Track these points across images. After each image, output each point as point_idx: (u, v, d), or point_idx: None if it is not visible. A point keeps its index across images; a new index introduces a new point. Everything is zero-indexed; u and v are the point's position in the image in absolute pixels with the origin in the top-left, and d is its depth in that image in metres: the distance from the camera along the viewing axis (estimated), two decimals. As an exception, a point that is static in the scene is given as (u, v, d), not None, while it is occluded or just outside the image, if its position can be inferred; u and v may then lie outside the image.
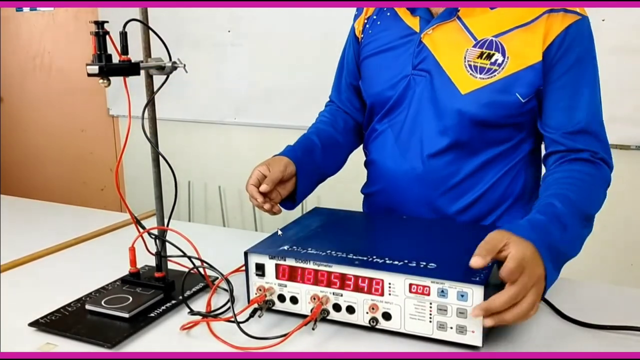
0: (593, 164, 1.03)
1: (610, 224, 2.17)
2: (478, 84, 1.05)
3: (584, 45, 1.04)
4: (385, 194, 1.19)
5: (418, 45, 1.11)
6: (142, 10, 0.94)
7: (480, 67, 1.05)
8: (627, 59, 2.10)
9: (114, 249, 1.26)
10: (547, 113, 1.06)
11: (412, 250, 0.92)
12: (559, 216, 0.90)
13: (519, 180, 1.13)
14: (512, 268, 0.77)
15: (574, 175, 1.00)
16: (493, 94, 1.04)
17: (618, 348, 0.84)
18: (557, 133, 1.05)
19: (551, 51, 1.02)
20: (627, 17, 2.07)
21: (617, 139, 2.19)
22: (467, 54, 1.06)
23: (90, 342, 0.85)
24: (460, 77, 1.07)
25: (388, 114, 1.17)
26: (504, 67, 1.04)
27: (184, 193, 3.14)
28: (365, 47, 1.21)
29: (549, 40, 1.02)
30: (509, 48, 1.04)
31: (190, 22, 2.86)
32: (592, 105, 1.05)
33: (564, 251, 0.89)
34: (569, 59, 1.03)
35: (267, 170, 1.08)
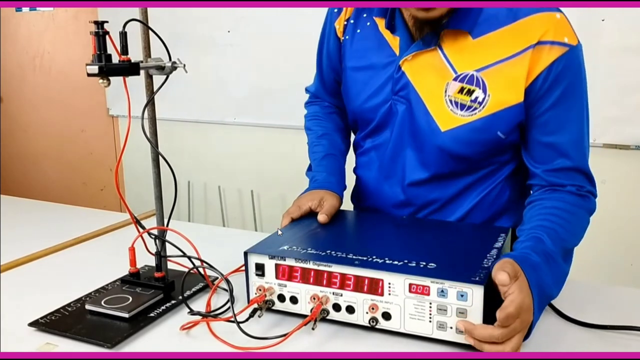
0: (580, 196, 1.00)
1: (610, 224, 2.17)
2: (458, 122, 1.01)
3: (571, 78, 0.97)
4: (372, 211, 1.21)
5: (397, 71, 1.06)
6: (142, 10, 0.94)
7: (460, 103, 1.01)
8: (626, 59, 2.10)
9: (114, 249, 1.26)
10: (531, 146, 1.03)
11: (412, 250, 0.92)
12: (549, 256, 0.89)
13: (503, 196, 1.11)
14: (512, 313, 0.75)
15: (560, 207, 0.98)
16: (473, 133, 1.01)
17: (618, 348, 0.84)
18: (540, 168, 1.02)
19: (534, 87, 0.97)
20: (627, 17, 2.07)
21: (617, 139, 2.19)
22: (448, 87, 1.01)
23: (90, 342, 0.85)
24: (440, 112, 1.03)
25: (371, 134, 1.15)
26: (485, 105, 0.99)
27: (183, 193, 3.14)
28: (345, 54, 1.16)
29: (533, 76, 0.96)
30: (491, 85, 0.99)
31: (190, 22, 2.86)
32: (578, 142, 1.01)
33: (549, 294, 0.89)
34: (553, 94, 0.97)
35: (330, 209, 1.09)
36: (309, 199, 1.12)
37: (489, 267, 0.83)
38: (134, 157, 2.11)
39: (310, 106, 1.35)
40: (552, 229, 0.94)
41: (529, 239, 0.92)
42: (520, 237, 0.95)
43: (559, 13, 0.97)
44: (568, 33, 0.96)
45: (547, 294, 0.88)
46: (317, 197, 1.12)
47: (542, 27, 0.95)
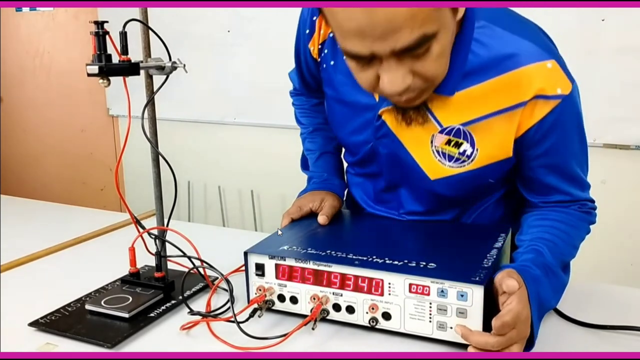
0: (581, 211, 1.00)
1: (610, 224, 2.17)
2: (447, 172, 0.97)
3: (565, 126, 0.92)
4: None
5: (377, 119, 0.98)
6: (142, 10, 0.94)
7: (449, 154, 0.96)
8: (627, 59, 2.10)
9: (114, 249, 1.26)
10: (528, 183, 1.00)
11: (412, 250, 0.92)
12: (549, 269, 0.89)
13: (500, 209, 1.10)
14: (507, 322, 0.75)
15: (563, 220, 0.97)
16: (464, 182, 0.98)
17: (618, 348, 0.84)
18: (539, 200, 1.00)
19: (525, 138, 0.92)
20: (627, 17, 2.07)
21: (617, 138, 2.19)
22: (434, 139, 0.95)
23: (90, 342, 0.85)
24: (427, 162, 0.98)
25: (359, 165, 1.13)
26: (474, 159, 0.94)
27: (183, 193, 3.14)
28: (323, 80, 1.09)
29: (523, 130, 0.91)
30: (479, 139, 0.93)
31: (190, 22, 2.86)
32: (575, 179, 0.98)
33: (548, 306, 0.89)
34: (545, 143, 0.92)
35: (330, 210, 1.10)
36: (310, 199, 1.11)
37: (489, 267, 0.83)
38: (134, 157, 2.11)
39: (296, 97, 1.32)
40: (552, 242, 0.93)
41: (529, 251, 0.92)
42: (520, 247, 0.95)
43: (550, 61, 0.87)
44: (561, 82, 0.88)
45: (546, 307, 0.88)
46: (317, 197, 1.12)
47: (533, 83, 0.87)
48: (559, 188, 0.98)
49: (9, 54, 3.57)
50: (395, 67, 0.80)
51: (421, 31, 0.76)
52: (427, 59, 0.80)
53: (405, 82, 0.82)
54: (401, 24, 0.74)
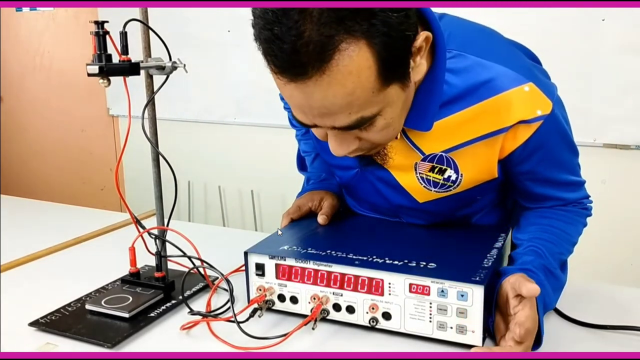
0: (578, 208, 1.01)
1: (610, 224, 2.17)
2: (434, 196, 0.98)
3: (550, 142, 0.91)
4: None
5: None
6: (142, 10, 0.94)
7: (433, 181, 0.96)
8: (627, 59, 2.10)
9: (114, 249, 1.26)
10: (521, 191, 1.00)
11: (412, 250, 0.92)
12: (549, 271, 0.90)
13: (496, 211, 1.10)
14: (530, 329, 0.76)
15: (560, 218, 0.98)
16: (452, 202, 0.99)
17: (618, 348, 0.84)
18: (534, 205, 1.01)
19: (510, 159, 0.92)
20: (627, 17, 2.07)
21: (617, 139, 2.19)
22: (418, 166, 0.95)
23: (91, 342, 0.85)
24: (414, 188, 0.98)
25: (347, 189, 1.13)
26: (459, 184, 0.95)
27: (184, 193, 3.14)
28: None
29: (506, 152, 0.91)
30: (462, 165, 0.93)
31: (190, 22, 2.86)
32: (567, 185, 0.98)
33: (550, 308, 0.90)
34: (533, 160, 0.92)
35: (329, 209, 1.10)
36: (309, 199, 1.11)
37: (489, 267, 0.83)
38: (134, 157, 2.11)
39: None
40: (550, 242, 0.94)
41: (528, 252, 0.92)
42: (518, 246, 0.96)
43: (526, 84, 0.86)
44: (540, 104, 0.86)
45: (548, 309, 0.89)
46: (317, 197, 1.12)
47: (512, 110, 0.86)
48: (552, 196, 0.98)
49: (9, 54, 3.57)
50: (340, 135, 0.82)
51: (358, 115, 0.76)
52: (372, 130, 0.80)
53: (349, 148, 0.83)
54: (337, 110, 0.74)
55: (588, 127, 2.19)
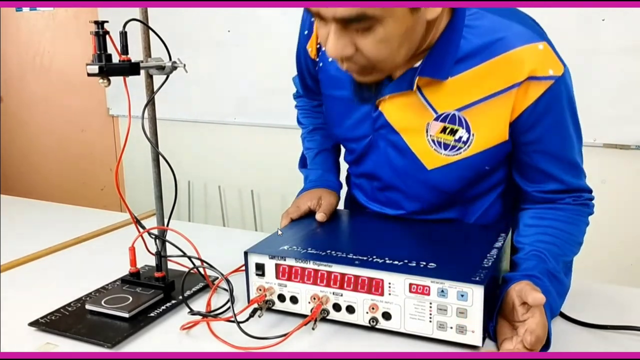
0: (577, 204, 1.00)
1: (610, 224, 2.17)
2: (444, 161, 0.98)
3: (558, 108, 0.92)
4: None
5: (374, 110, 1.01)
6: (142, 10, 0.94)
7: (444, 143, 0.97)
8: (626, 59, 2.10)
9: (114, 249, 1.26)
10: (523, 170, 1.00)
11: (412, 250, 0.92)
12: (553, 276, 0.90)
13: (496, 206, 1.10)
14: (541, 337, 0.77)
15: (560, 218, 0.98)
16: (461, 170, 0.98)
17: (618, 348, 0.84)
18: (534, 188, 1.00)
19: (520, 122, 0.93)
20: (627, 17, 2.07)
21: (617, 139, 2.19)
22: (429, 127, 0.97)
23: (90, 341, 0.85)
24: (424, 152, 0.99)
25: (357, 163, 1.13)
26: (470, 144, 0.95)
27: (184, 193, 3.14)
28: (321, 81, 1.11)
29: (517, 112, 0.92)
30: (474, 124, 0.94)
31: (190, 22, 2.86)
32: (569, 167, 0.98)
33: (555, 308, 0.90)
34: (540, 126, 0.93)
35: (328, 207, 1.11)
36: (308, 198, 1.12)
37: (489, 267, 0.83)
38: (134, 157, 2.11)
39: (298, 99, 1.35)
40: (552, 244, 0.94)
41: (531, 257, 0.92)
42: (520, 250, 0.96)
43: (541, 43, 0.89)
44: (552, 64, 0.89)
45: (555, 313, 0.90)
46: (315, 196, 1.12)
47: (525, 64, 0.88)
48: (554, 175, 0.97)
49: (9, 53, 3.57)
50: (339, 34, 0.83)
51: (361, 10, 0.79)
52: (369, 37, 0.82)
53: (344, 51, 0.84)
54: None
55: (588, 127, 2.16)
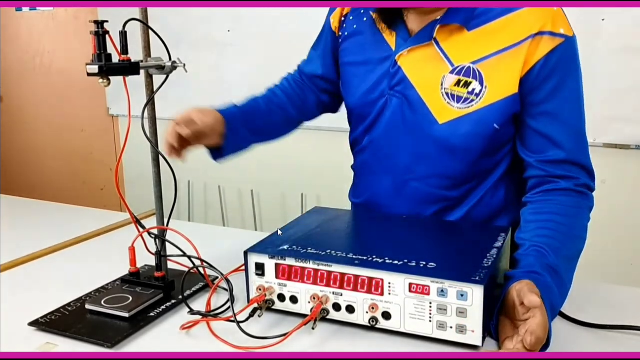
0: (576, 192, 1.00)
1: (610, 224, 2.17)
2: (455, 114, 1.02)
3: (567, 69, 0.97)
4: (370, 206, 1.20)
5: (394, 66, 1.07)
6: (142, 10, 0.94)
7: (457, 95, 1.01)
8: (627, 59, 2.10)
9: (114, 248, 1.26)
10: (527, 137, 1.03)
11: (412, 249, 0.92)
12: (554, 272, 0.90)
13: (499, 193, 1.11)
14: (541, 338, 0.76)
15: (559, 211, 0.98)
16: (471, 125, 1.01)
17: (618, 348, 0.84)
18: (535, 158, 1.02)
19: (530, 77, 0.97)
20: (627, 16, 2.07)
21: (617, 139, 2.19)
22: (444, 80, 1.02)
23: (90, 341, 0.85)
24: (437, 105, 1.03)
25: (368, 130, 1.15)
26: (482, 97, 1.00)
27: (183, 193, 3.14)
28: (342, 51, 1.17)
29: (529, 66, 0.97)
30: (487, 76, 0.99)
31: (190, 22, 2.86)
32: (576, 134, 1.01)
33: (557, 307, 0.90)
34: (548, 84, 0.97)
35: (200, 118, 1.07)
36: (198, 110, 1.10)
37: (489, 266, 0.83)
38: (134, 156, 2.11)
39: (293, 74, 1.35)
40: (552, 237, 0.94)
41: (531, 253, 0.92)
42: (521, 246, 0.96)
43: (556, 6, 0.97)
44: (564, 24, 0.97)
45: (556, 311, 0.90)
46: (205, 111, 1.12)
47: (540, 18, 0.96)
48: (557, 140, 1.00)
49: (9, 53, 3.57)
50: None
51: None
52: None
53: None
54: None
55: (588, 127, 2.18)
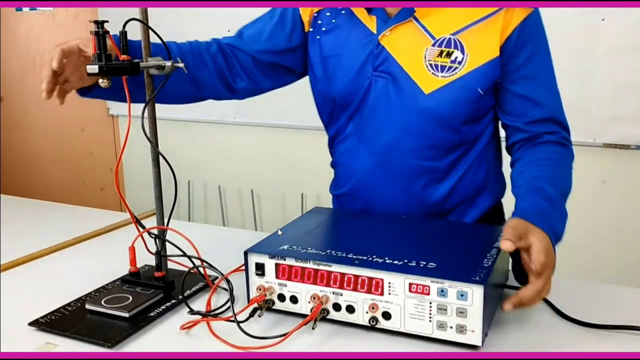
0: (560, 144, 1.08)
1: (610, 224, 2.17)
2: (440, 82, 1.06)
3: (540, 35, 1.07)
4: (356, 193, 1.20)
5: (377, 47, 1.10)
6: (142, 10, 0.94)
7: (441, 65, 1.06)
8: (627, 58, 2.10)
9: (114, 248, 1.26)
10: (509, 102, 1.09)
11: (412, 249, 0.92)
12: (553, 200, 0.97)
13: (482, 169, 1.16)
14: (545, 262, 0.83)
15: (549, 157, 1.06)
16: (456, 92, 1.06)
17: (618, 348, 0.84)
18: (520, 121, 1.09)
19: (509, 44, 1.04)
20: (627, 16, 2.07)
21: (617, 138, 2.19)
22: (427, 53, 1.07)
23: (90, 341, 0.85)
24: (422, 76, 1.07)
25: (353, 116, 1.16)
26: (464, 64, 1.05)
27: (183, 193, 3.14)
28: (322, 46, 1.17)
29: (507, 33, 1.04)
30: (468, 45, 1.05)
31: (190, 22, 2.86)
32: (553, 93, 1.10)
33: (560, 235, 0.95)
34: (526, 48, 1.05)
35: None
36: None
37: (489, 266, 0.83)
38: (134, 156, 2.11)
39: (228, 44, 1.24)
40: (546, 176, 1.02)
41: (529, 191, 0.99)
42: (519, 193, 1.02)
43: None
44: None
45: (558, 235, 0.94)
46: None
47: None
48: (538, 100, 1.08)
49: (9, 53, 3.57)
50: None
51: None
52: None
53: None
54: None
55: (588, 127, 2.19)
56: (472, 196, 1.17)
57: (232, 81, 1.24)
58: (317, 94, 1.23)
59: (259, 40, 1.22)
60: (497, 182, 1.21)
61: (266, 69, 1.23)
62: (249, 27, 1.28)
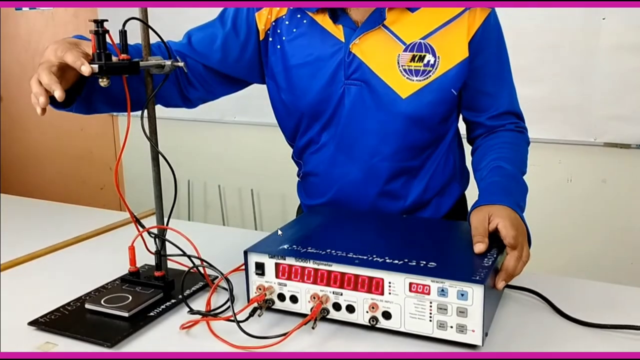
0: (517, 132, 1.17)
1: (610, 223, 2.17)
2: (416, 86, 1.09)
3: (499, 33, 1.13)
4: (337, 202, 1.21)
5: (348, 56, 1.10)
6: (142, 10, 0.94)
7: (414, 69, 1.09)
8: (627, 58, 2.10)
9: (114, 248, 1.26)
10: (474, 99, 1.15)
11: (412, 249, 0.92)
12: (512, 176, 1.05)
13: (450, 161, 1.21)
14: (514, 234, 0.90)
15: (507, 141, 1.14)
16: (432, 94, 1.09)
17: (618, 348, 0.84)
18: (483, 117, 1.16)
19: (474, 43, 1.09)
20: (627, 16, 2.07)
21: (617, 138, 2.19)
22: (400, 59, 1.09)
23: (90, 341, 0.85)
24: (397, 82, 1.09)
25: (327, 126, 1.16)
26: (437, 66, 1.08)
27: (183, 192, 3.14)
28: (285, 54, 1.15)
29: (472, 33, 1.08)
30: (438, 48, 1.08)
31: (190, 21, 2.85)
32: (511, 88, 1.17)
33: (523, 206, 1.02)
34: (490, 47, 1.11)
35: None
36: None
37: (489, 266, 0.83)
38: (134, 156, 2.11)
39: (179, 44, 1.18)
40: (505, 157, 1.09)
41: (490, 171, 1.07)
42: (482, 176, 1.09)
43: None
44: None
45: (522, 206, 1.01)
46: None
47: None
48: (499, 95, 1.15)
49: (9, 53, 3.57)
50: None
51: None
52: None
53: None
54: None
55: (588, 127, 2.19)
56: (444, 187, 1.22)
57: (186, 91, 1.18)
58: (279, 105, 1.21)
59: (211, 48, 1.16)
60: (463, 170, 1.28)
61: (219, 77, 1.19)
62: (197, 32, 1.21)
